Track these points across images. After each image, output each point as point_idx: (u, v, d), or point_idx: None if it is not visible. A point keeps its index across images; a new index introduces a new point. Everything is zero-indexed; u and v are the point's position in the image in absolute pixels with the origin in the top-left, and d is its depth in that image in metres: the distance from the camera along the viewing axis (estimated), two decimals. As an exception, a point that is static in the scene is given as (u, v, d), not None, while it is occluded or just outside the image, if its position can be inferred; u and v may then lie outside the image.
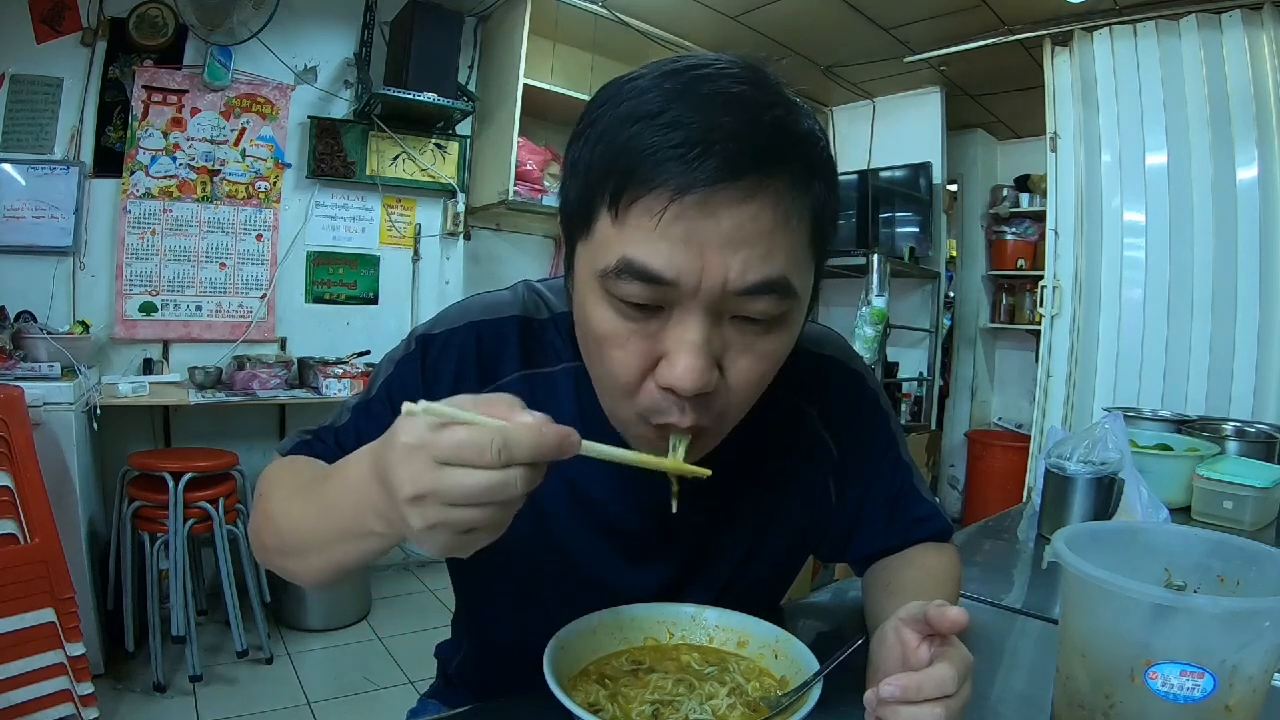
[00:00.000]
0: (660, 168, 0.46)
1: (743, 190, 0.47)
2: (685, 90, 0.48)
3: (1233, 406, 2.56)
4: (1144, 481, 1.21)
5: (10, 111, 2.52)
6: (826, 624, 0.87)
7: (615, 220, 0.49)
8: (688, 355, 0.49)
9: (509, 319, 0.67)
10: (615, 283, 0.49)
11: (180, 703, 2.11)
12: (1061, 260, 3.01)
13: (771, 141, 0.48)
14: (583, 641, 0.60)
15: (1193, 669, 0.49)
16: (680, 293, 0.49)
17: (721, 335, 0.51)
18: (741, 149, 0.46)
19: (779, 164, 0.48)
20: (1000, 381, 4.53)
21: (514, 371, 0.66)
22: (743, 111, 0.47)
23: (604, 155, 0.49)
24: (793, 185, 0.49)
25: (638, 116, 0.48)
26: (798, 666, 0.58)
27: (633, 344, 0.51)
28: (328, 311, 3.15)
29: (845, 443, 0.74)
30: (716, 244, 0.47)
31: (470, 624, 0.83)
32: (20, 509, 1.77)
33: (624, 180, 0.48)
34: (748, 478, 0.70)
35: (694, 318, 0.49)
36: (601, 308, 0.52)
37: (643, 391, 0.53)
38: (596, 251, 0.51)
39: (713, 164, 0.46)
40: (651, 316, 0.51)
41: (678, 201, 0.46)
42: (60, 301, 2.61)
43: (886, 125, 4.10)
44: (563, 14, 3.08)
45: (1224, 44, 2.60)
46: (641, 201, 0.47)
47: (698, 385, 0.50)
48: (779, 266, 0.49)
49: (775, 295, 0.50)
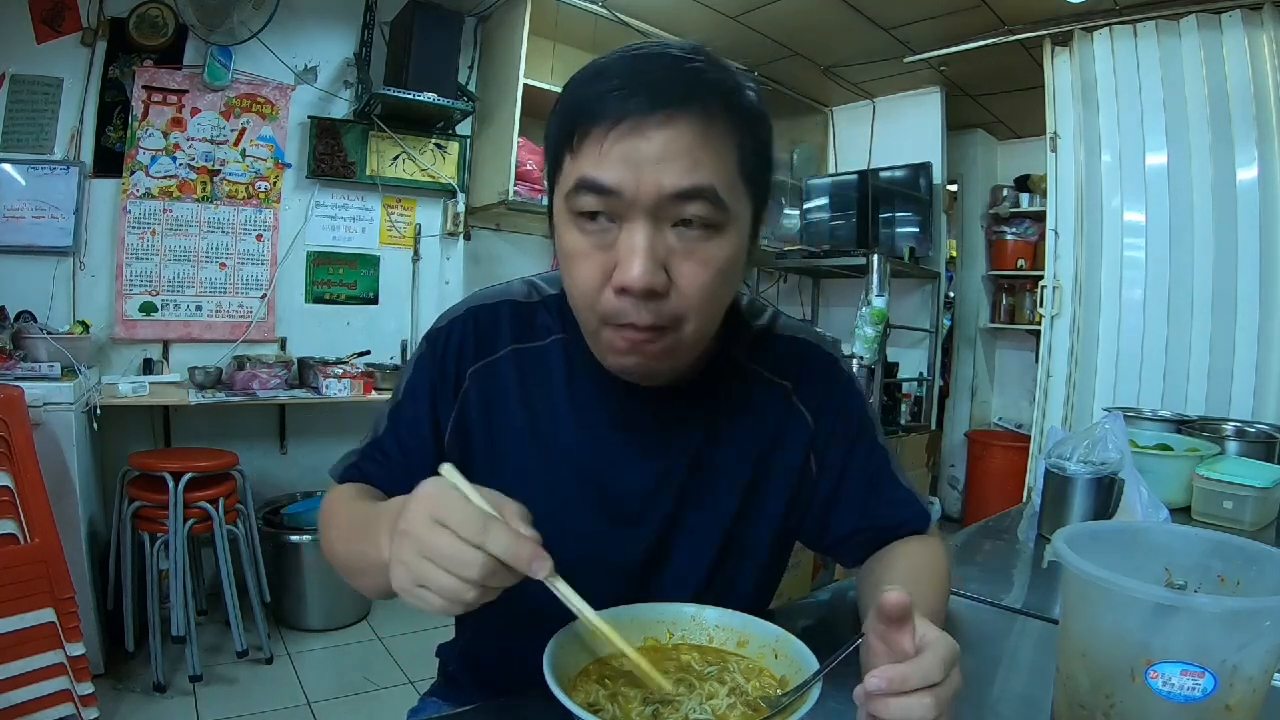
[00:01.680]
0: (601, 106, 0.58)
1: (664, 116, 0.57)
2: (625, 56, 0.61)
3: (1233, 406, 2.55)
4: (1144, 481, 1.21)
5: (10, 111, 2.52)
6: (826, 624, 0.87)
7: (573, 155, 0.60)
8: (635, 256, 0.58)
9: (502, 302, 0.77)
10: (575, 199, 0.60)
11: (180, 703, 2.11)
12: (1061, 260, 3.01)
13: (687, 81, 0.59)
14: (583, 641, 0.60)
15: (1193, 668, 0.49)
16: (624, 202, 0.58)
17: (665, 242, 0.60)
18: (662, 86, 0.58)
19: (693, 97, 0.58)
20: (1000, 381, 4.54)
21: (506, 347, 0.75)
22: (667, 63, 0.60)
23: (564, 111, 0.61)
24: (705, 113, 0.58)
25: (587, 79, 0.61)
26: (797, 666, 0.58)
27: (593, 256, 0.61)
28: (328, 311, 3.15)
29: (821, 417, 0.78)
30: (649, 160, 0.57)
31: None
32: (20, 509, 1.77)
33: (575, 122, 0.59)
34: (728, 448, 0.75)
35: (638, 225, 0.59)
36: (568, 228, 0.62)
37: (603, 299, 0.61)
38: (563, 183, 0.62)
39: (639, 99, 0.57)
40: (606, 230, 0.60)
41: (615, 129, 0.57)
42: (60, 301, 2.61)
43: (886, 125, 4.10)
44: (563, 14, 3.08)
45: (1224, 44, 2.60)
46: (590, 135, 0.59)
47: (645, 283, 0.58)
48: (704, 176, 0.58)
49: (705, 200, 0.59)
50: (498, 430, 0.75)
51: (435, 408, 0.75)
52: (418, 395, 0.75)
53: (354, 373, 2.77)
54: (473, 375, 0.75)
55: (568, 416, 0.74)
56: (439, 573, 0.48)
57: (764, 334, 0.79)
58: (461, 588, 0.48)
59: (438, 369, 0.75)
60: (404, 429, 0.76)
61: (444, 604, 0.49)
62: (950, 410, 4.41)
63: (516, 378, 0.74)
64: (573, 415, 0.74)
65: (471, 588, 0.48)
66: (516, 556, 0.48)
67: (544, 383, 0.74)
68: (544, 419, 0.74)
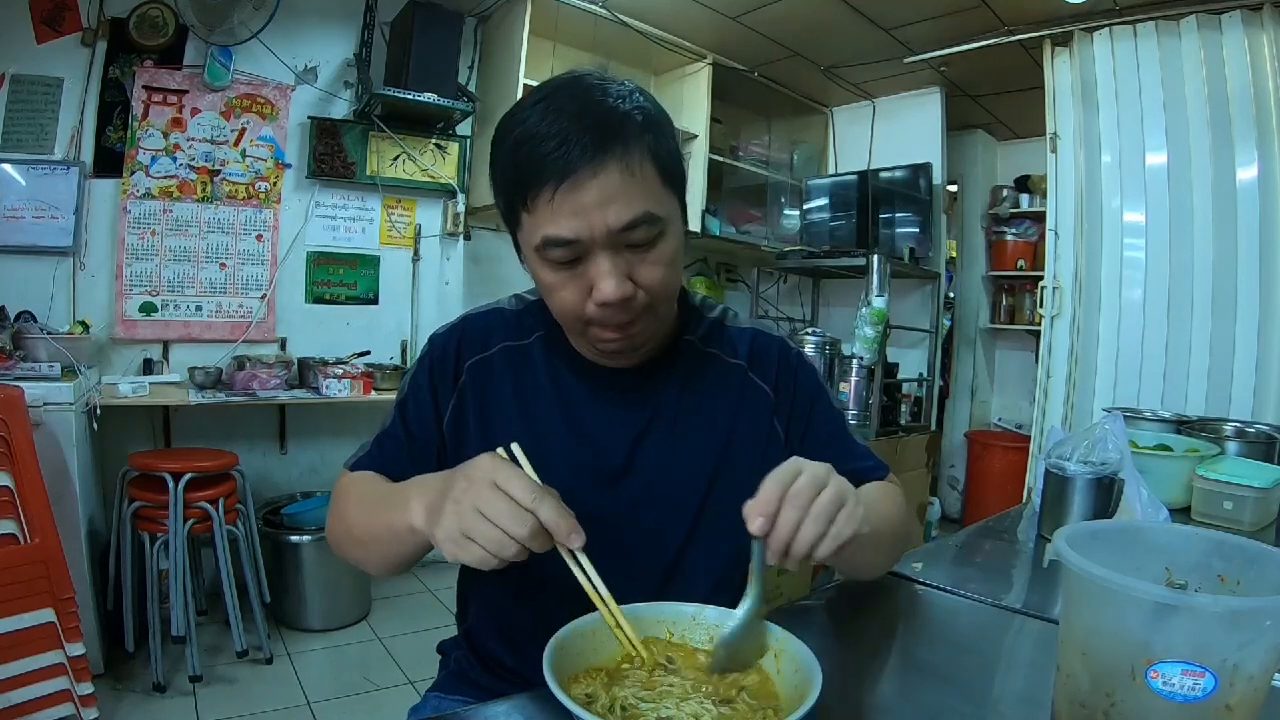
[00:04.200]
0: (540, 172, 0.68)
1: (593, 167, 0.67)
2: (544, 110, 0.69)
3: (1233, 407, 2.55)
4: (1144, 482, 1.21)
5: (10, 111, 2.52)
6: (827, 624, 0.87)
7: (529, 214, 0.70)
8: (605, 279, 0.70)
9: (493, 310, 0.90)
10: (545, 252, 0.71)
11: (180, 703, 2.11)
12: (1061, 261, 3.01)
13: (603, 130, 0.68)
14: (583, 641, 0.60)
15: (1194, 668, 0.49)
16: (584, 245, 0.69)
17: (624, 260, 0.71)
18: (586, 139, 0.67)
19: (611, 143, 0.67)
20: (1000, 382, 4.54)
21: (499, 344, 0.87)
22: (584, 110, 0.68)
23: (509, 174, 0.71)
24: (626, 149, 0.68)
25: (521, 141, 0.69)
26: (797, 664, 0.58)
27: (570, 285, 0.72)
28: (328, 311, 3.15)
29: (780, 387, 0.88)
30: (592, 206, 0.67)
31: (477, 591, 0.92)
32: (20, 509, 1.77)
33: (524, 187, 0.69)
34: (697, 415, 0.85)
35: (601, 256, 0.70)
36: (544, 269, 0.73)
37: (586, 312, 0.73)
38: (527, 236, 0.72)
39: (570, 157, 0.67)
40: (575, 265, 0.71)
41: (559, 189, 0.67)
42: (60, 301, 2.61)
43: (886, 126, 4.10)
44: (563, 14, 3.08)
45: (1224, 45, 2.60)
46: (539, 197, 0.68)
47: (619, 295, 0.70)
48: (638, 206, 0.69)
49: (645, 225, 0.70)
50: (492, 414, 0.85)
51: (437, 398, 0.85)
52: (421, 389, 0.86)
53: (354, 373, 2.77)
54: (469, 369, 0.85)
55: (551, 399, 0.84)
56: (489, 527, 0.57)
57: (717, 325, 0.90)
58: (507, 542, 0.57)
59: (439, 365, 0.86)
60: (411, 419, 0.86)
61: (483, 555, 0.57)
62: (950, 410, 4.41)
63: (507, 370, 0.86)
64: (555, 398, 0.84)
65: (514, 544, 0.57)
66: (559, 526, 0.58)
67: (530, 371, 0.86)
68: (531, 403, 0.85)
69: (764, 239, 4.05)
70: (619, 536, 0.77)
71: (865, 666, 0.73)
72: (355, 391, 2.73)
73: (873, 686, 0.69)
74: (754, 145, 4.06)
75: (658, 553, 0.82)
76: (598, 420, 0.83)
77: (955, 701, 0.69)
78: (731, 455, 0.84)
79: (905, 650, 0.76)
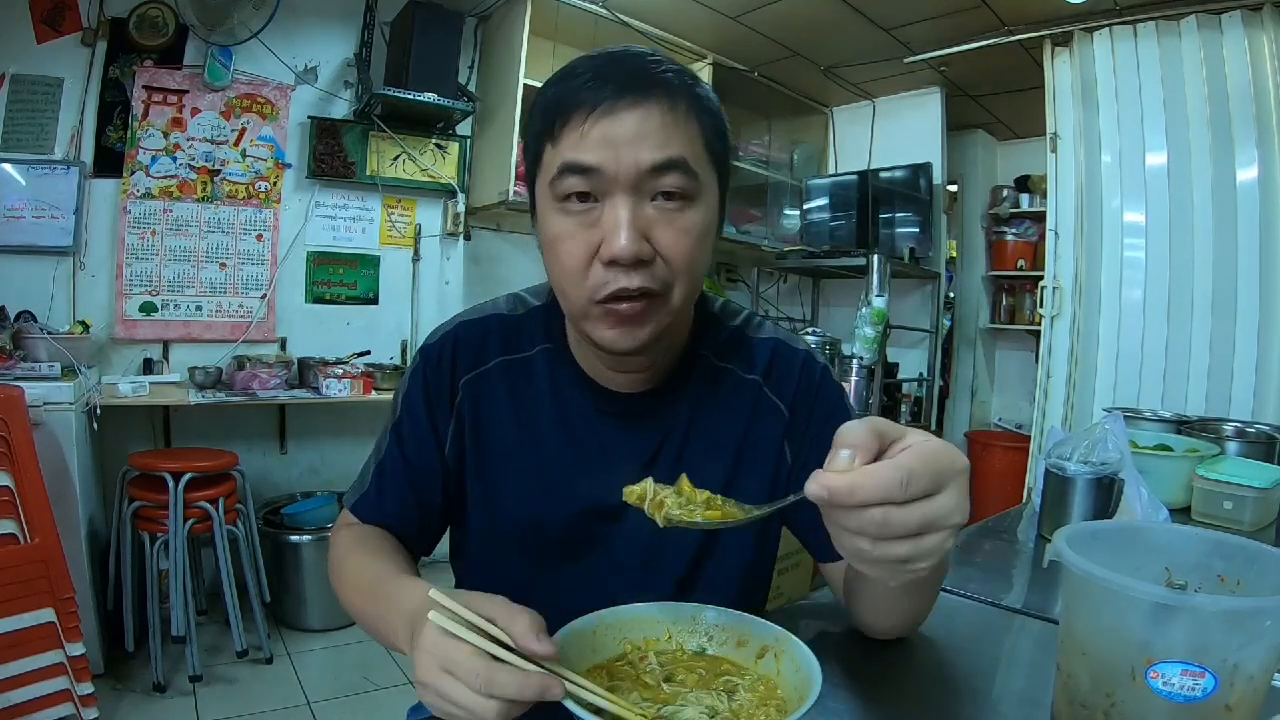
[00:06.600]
0: (576, 96, 0.63)
1: (633, 99, 0.63)
2: (591, 57, 0.66)
3: (1233, 407, 2.55)
4: (1144, 482, 1.21)
5: (10, 111, 2.52)
6: (826, 624, 0.87)
7: (554, 144, 0.65)
8: (620, 229, 0.62)
9: (490, 316, 0.81)
10: (559, 183, 0.64)
11: (180, 703, 2.11)
12: (1061, 261, 3.00)
13: (649, 72, 0.65)
14: (583, 641, 0.60)
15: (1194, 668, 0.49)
16: (605, 179, 0.63)
17: (645, 214, 0.64)
18: (629, 76, 0.64)
19: (657, 84, 0.64)
20: (1000, 382, 4.53)
21: (495, 358, 0.79)
22: (631, 58, 0.66)
23: (541, 107, 0.67)
24: (669, 97, 0.64)
25: (559, 79, 0.66)
26: (797, 664, 0.58)
27: (578, 236, 0.65)
28: (328, 311, 3.15)
29: (797, 407, 0.80)
30: (624, 139, 0.62)
31: None
32: (20, 509, 1.77)
33: (554, 114, 0.65)
34: (704, 445, 0.78)
35: (620, 199, 0.63)
36: (552, 214, 0.66)
37: (590, 274, 0.65)
38: (545, 172, 0.66)
39: (610, 87, 0.63)
40: (589, 209, 0.64)
41: (591, 114, 0.62)
42: (60, 301, 2.61)
43: (886, 125, 4.09)
44: (563, 14, 3.08)
45: (1224, 44, 2.60)
46: (569, 122, 0.64)
47: (632, 251, 0.62)
48: (675, 149, 0.63)
49: (679, 172, 0.64)
50: (489, 436, 0.79)
51: (434, 419, 0.79)
52: (417, 410, 0.79)
53: (354, 373, 2.77)
54: (465, 385, 0.78)
55: (553, 421, 0.78)
56: (461, 710, 0.49)
57: (737, 335, 0.82)
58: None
59: (433, 382, 0.79)
60: (408, 445, 0.79)
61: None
62: (950, 410, 4.40)
63: (505, 387, 0.79)
64: (558, 419, 0.78)
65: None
66: (524, 693, 0.49)
67: (530, 390, 0.79)
68: (531, 424, 0.78)
69: (764, 239, 4.05)
70: (624, 562, 0.77)
71: (865, 666, 0.73)
72: (355, 391, 2.73)
73: (873, 686, 0.69)
74: (754, 145, 4.05)
75: (662, 576, 0.77)
76: (604, 445, 0.77)
77: (955, 701, 0.69)
78: (739, 478, 0.78)
79: (905, 650, 0.76)
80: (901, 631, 0.77)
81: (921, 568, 0.44)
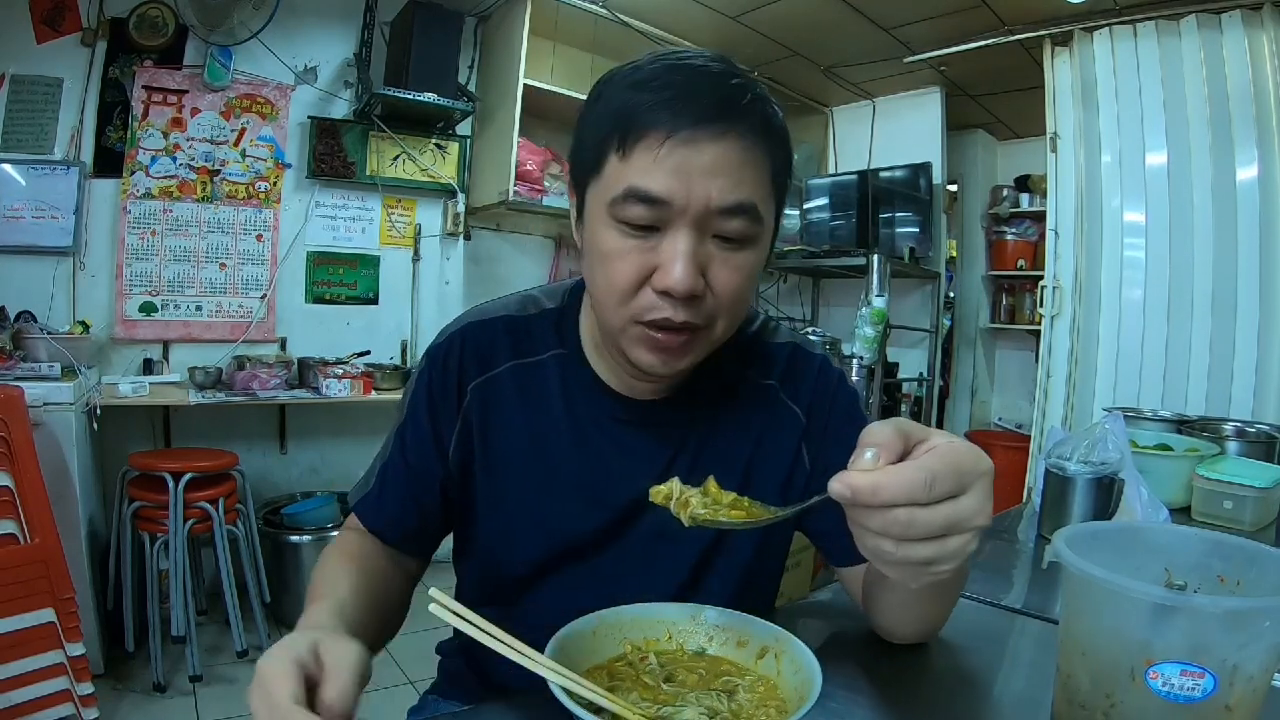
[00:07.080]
0: (656, 115, 0.59)
1: (717, 130, 0.59)
2: (671, 66, 0.62)
3: (1233, 407, 2.55)
4: (1144, 481, 1.21)
5: (10, 111, 2.52)
6: (827, 624, 0.87)
7: (622, 158, 0.61)
8: (680, 262, 0.60)
9: (499, 318, 0.79)
10: (621, 207, 0.61)
11: (180, 703, 2.11)
12: (1061, 260, 3.01)
13: (736, 98, 0.61)
14: (583, 642, 0.60)
15: (1193, 668, 0.49)
16: (672, 212, 0.60)
17: (705, 250, 0.62)
18: (714, 101, 0.59)
19: (742, 115, 0.60)
20: (1000, 381, 4.53)
21: (505, 363, 0.77)
22: (714, 78, 0.61)
23: (611, 112, 0.62)
24: (752, 131, 0.61)
25: (636, 84, 0.61)
26: (797, 664, 0.58)
27: (632, 257, 0.62)
28: (328, 311, 3.15)
29: (814, 412, 0.80)
30: (699, 172, 0.59)
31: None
32: (20, 509, 1.77)
33: (628, 127, 0.60)
34: (718, 454, 0.77)
35: (684, 233, 0.61)
36: (608, 231, 0.63)
37: (638, 297, 0.63)
38: (606, 186, 0.63)
39: (694, 111, 0.59)
40: (648, 235, 0.62)
41: (670, 138, 0.59)
42: (60, 301, 2.61)
43: (886, 125, 4.10)
44: (563, 14, 3.08)
45: (1224, 44, 2.60)
46: (642, 142, 0.59)
47: (688, 286, 0.60)
48: (748, 193, 0.61)
49: (746, 217, 0.62)
50: (498, 443, 0.77)
51: (438, 424, 0.77)
52: (420, 413, 0.77)
53: (354, 373, 2.77)
54: (473, 390, 0.76)
55: (565, 429, 0.76)
56: None
57: (753, 341, 0.81)
58: None
59: (439, 386, 0.77)
60: (410, 450, 0.78)
61: None
62: (950, 410, 4.40)
63: (516, 393, 0.77)
64: (570, 427, 0.76)
65: None
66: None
67: (542, 397, 0.77)
68: (542, 432, 0.76)
69: (764, 239, 4.05)
70: (631, 568, 0.76)
71: (866, 667, 0.73)
72: (355, 391, 2.73)
73: (873, 687, 0.69)
74: (754, 145, 4.05)
75: (669, 579, 0.77)
76: (616, 455, 0.75)
77: (955, 702, 0.69)
78: (754, 482, 0.77)
79: (906, 651, 0.76)
80: (921, 636, 0.76)
81: (944, 570, 0.45)
